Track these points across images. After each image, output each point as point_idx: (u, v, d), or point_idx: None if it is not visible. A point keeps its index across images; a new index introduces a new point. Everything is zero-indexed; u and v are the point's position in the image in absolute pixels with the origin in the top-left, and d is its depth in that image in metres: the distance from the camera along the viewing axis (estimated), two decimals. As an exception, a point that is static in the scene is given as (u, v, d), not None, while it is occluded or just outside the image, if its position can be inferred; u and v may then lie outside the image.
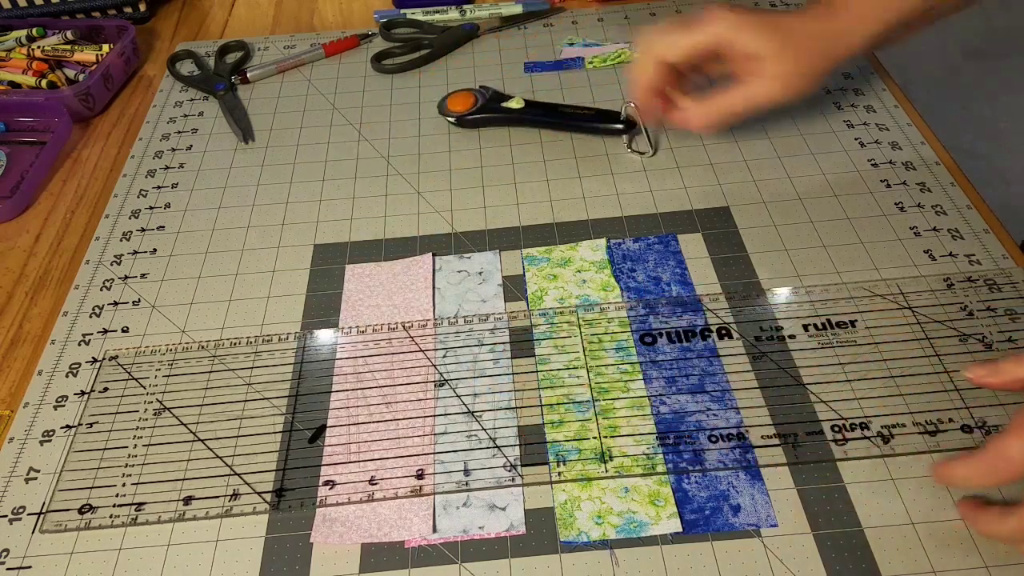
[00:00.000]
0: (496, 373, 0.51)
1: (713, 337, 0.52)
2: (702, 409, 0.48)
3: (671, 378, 0.50)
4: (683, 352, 0.51)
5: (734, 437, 0.46)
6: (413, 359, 0.52)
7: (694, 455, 0.46)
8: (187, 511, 0.45)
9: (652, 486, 0.45)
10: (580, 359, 0.51)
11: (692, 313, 0.53)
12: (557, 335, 0.53)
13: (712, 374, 0.50)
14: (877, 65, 0.74)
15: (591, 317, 0.53)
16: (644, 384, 0.49)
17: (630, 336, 0.52)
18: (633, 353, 0.51)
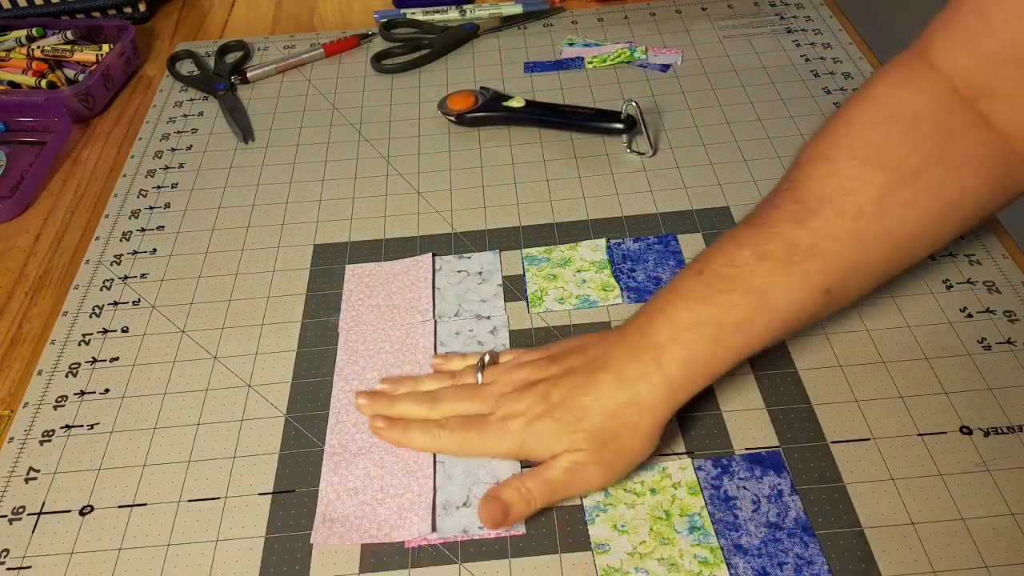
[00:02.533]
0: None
1: (799, 506, 0.43)
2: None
3: (762, 572, 0.41)
4: (771, 531, 0.43)
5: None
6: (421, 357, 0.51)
7: None
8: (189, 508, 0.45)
9: None
10: (648, 544, 0.42)
11: (774, 473, 0.45)
12: (614, 507, 0.44)
13: (809, 561, 0.42)
14: (878, 65, 0.74)
15: (652, 480, 0.45)
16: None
17: (704, 508, 0.44)
18: (711, 533, 0.43)
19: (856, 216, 0.43)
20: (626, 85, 0.74)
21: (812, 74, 0.74)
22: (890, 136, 0.45)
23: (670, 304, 0.44)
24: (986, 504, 0.43)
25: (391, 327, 0.54)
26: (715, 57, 0.77)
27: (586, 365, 0.45)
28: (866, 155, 0.44)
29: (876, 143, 0.45)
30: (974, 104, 0.45)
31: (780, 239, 0.44)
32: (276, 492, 0.46)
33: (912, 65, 0.47)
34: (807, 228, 0.43)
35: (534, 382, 0.46)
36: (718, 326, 0.43)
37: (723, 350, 0.43)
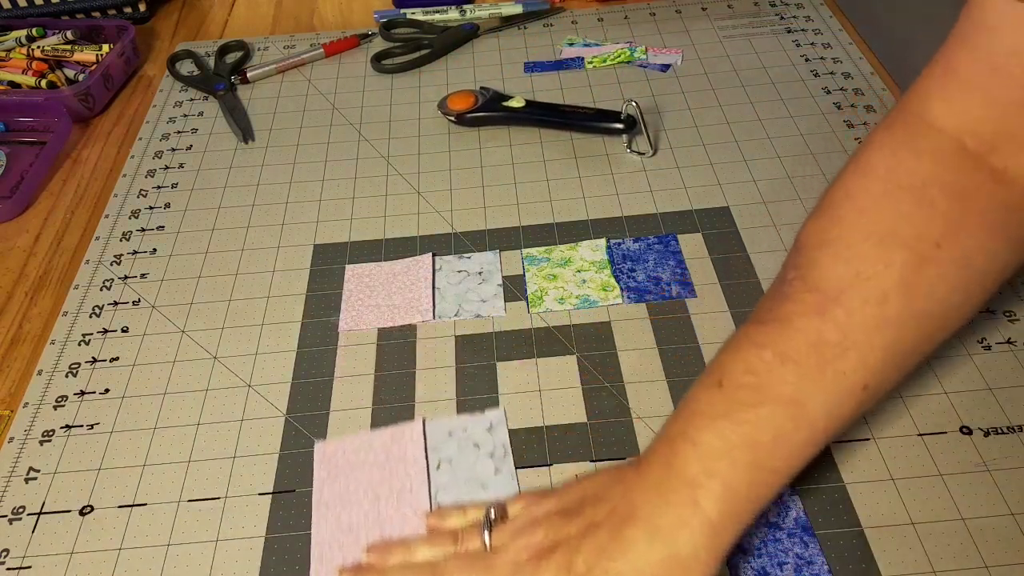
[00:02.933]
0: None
1: (799, 506, 0.43)
2: None
3: (762, 572, 0.41)
4: (771, 531, 0.42)
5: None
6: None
7: None
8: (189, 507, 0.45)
9: None
10: None
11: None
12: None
13: (809, 561, 0.41)
14: (878, 65, 0.74)
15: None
16: None
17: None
18: None
19: (882, 302, 0.38)
20: (626, 85, 0.74)
21: (812, 74, 0.74)
22: (901, 209, 0.40)
23: (692, 427, 0.38)
24: (986, 504, 0.43)
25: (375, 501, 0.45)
26: (715, 57, 0.77)
27: (609, 517, 0.38)
28: (880, 233, 0.40)
29: (888, 219, 0.40)
30: (986, 159, 0.41)
31: (803, 336, 0.38)
32: (276, 492, 0.46)
33: (908, 127, 0.43)
34: (832, 322, 0.38)
35: (553, 547, 0.38)
36: (753, 447, 0.37)
37: (765, 473, 0.37)
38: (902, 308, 0.39)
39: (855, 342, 0.38)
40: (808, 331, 0.38)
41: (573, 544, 0.38)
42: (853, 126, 0.67)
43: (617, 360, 0.51)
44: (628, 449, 0.47)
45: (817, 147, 0.66)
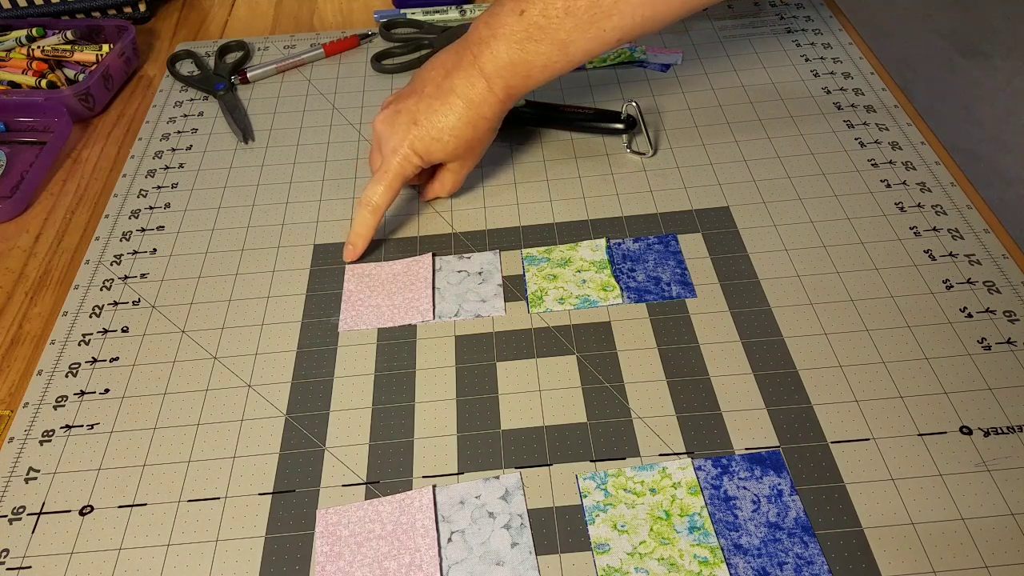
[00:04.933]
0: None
1: (799, 506, 0.44)
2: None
3: (762, 572, 0.42)
4: (771, 531, 0.43)
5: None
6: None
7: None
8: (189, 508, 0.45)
9: None
10: (648, 544, 0.43)
11: (774, 473, 0.45)
12: (614, 507, 0.44)
13: (809, 561, 0.42)
14: (878, 65, 0.74)
15: (652, 480, 0.46)
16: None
17: (704, 508, 0.44)
18: (711, 533, 0.43)
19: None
20: (626, 85, 0.74)
21: (812, 74, 0.74)
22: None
23: (494, 39, 0.55)
24: (986, 504, 0.43)
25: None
26: (715, 57, 0.77)
27: (435, 91, 0.57)
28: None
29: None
30: None
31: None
32: (276, 492, 0.46)
33: None
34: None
35: (398, 111, 0.58)
36: (528, 66, 0.55)
37: (530, 81, 0.56)
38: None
39: (621, 10, 0.52)
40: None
41: (412, 108, 0.58)
42: (853, 126, 0.67)
43: (617, 360, 0.51)
44: (628, 449, 0.47)
45: (817, 147, 0.66)
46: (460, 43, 0.58)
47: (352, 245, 0.59)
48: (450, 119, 0.57)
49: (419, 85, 0.59)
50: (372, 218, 0.58)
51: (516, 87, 0.57)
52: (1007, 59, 2.11)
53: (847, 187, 0.62)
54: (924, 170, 0.63)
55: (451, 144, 0.57)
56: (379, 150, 0.60)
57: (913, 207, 0.60)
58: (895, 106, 0.69)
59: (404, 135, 0.57)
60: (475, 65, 0.56)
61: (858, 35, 0.79)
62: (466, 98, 0.56)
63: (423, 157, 0.58)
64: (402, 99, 0.59)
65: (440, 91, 0.57)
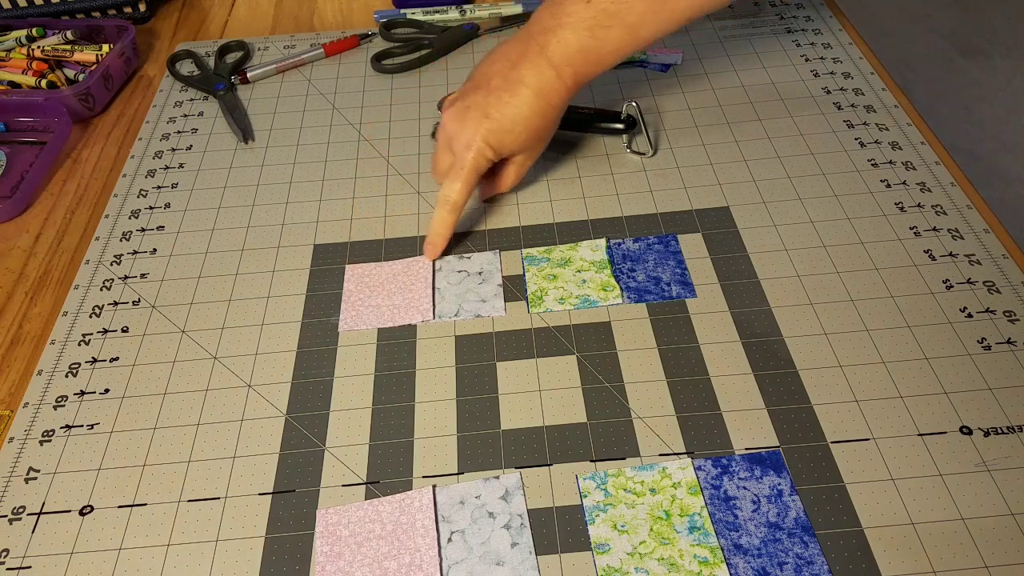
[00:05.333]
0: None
1: (799, 506, 0.44)
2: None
3: (762, 572, 0.42)
4: (771, 531, 0.43)
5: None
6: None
7: None
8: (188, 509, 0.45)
9: None
10: (648, 544, 0.43)
11: (774, 473, 0.45)
12: (614, 507, 0.44)
13: (809, 561, 0.42)
14: (878, 65, 0.74)
15: (652, 480, 0.46)
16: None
17: (704, 508, 0.44)
18: (711, 533, 0.43)
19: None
20: (626, 85, 0.74)
21: (812, 74, 0.74)
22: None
23: (560, 27, 0.55)
24: (986, 504, 0.43)
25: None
26: (715, 57, 0.77)
27: (502, 84, 0.57)
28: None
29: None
30: None
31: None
32: (276, 492, 0.46)
33: None
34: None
35: (467, 107, 0.58)
36: (599, 53, 0.56)
37: (600, 68, 0.57)
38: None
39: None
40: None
41: (481, 102, 0.57)
42: (853, 126, 0.67)
43: (617, 360, 0.51)
44: (628, 449, 0.47)
45: (817, 147, 0.66)
46: (522, 34, 0.58)
47: (432, 245, 0.58)
48: (521, 110, 0.57)
49: (483, 79, 0.58)
50: (452, 216, 0.58)
51: (586, 74, 0.57)
52: (1007, 59, 2.11)
53: (847, 187, 0.62)
54: (924, 170, 0.63)
55: (523, 135, 0.58)
56: (448, 148, 0.59)
57: (913, 207, 0.60)
58: (895, 106, 0.69)
59: (476, 129, 0.57)
60: (542, 55, 0.56)
61: (858, 35, 0.79)
62: (535, 88, 0.56)
63: (496, 150, 0.58)
64: (467, 95, 0.59)
65: (508, 83, 0.57)
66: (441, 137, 0.60)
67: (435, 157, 0.61)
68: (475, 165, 0.57)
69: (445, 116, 0.59)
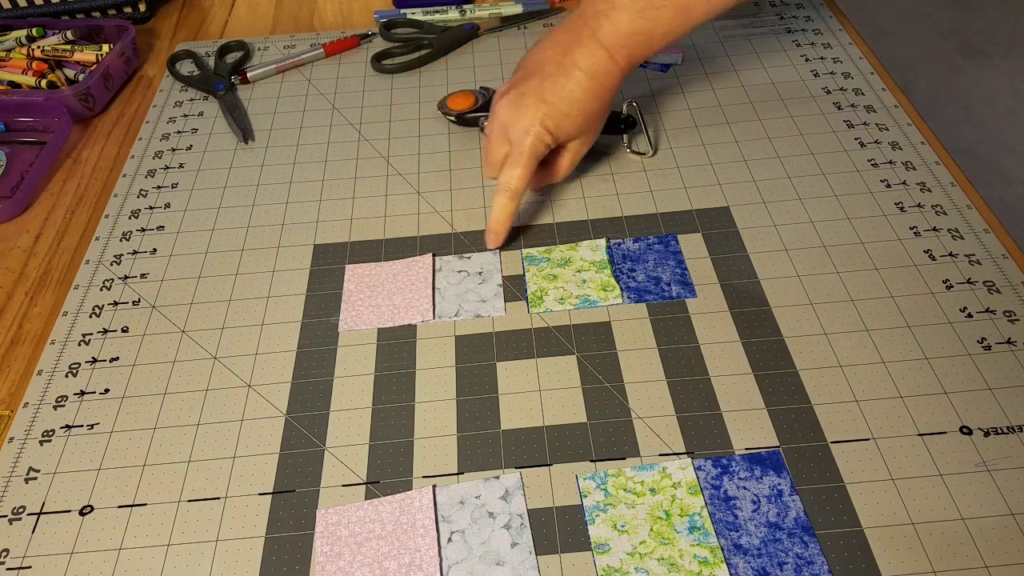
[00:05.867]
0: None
1: (799, 506, 0.44)
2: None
3: (762, 572, 0.42)
4: (771, 531, 0.43)
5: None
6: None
7: None
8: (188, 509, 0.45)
9: None
10: (648, 544, 0.43)
11: (774, 473, 0.45)
12: (614, 507, 0.44)
13: (809, 561, 0.42)
14: (878, 65, 0.74)
15: (652, 480, 0.46)
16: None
17: (704, 508, 0.44)
18: (711, 533, 0.43)
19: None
20: (626, 85, 0.74)
21: (812, 74, 0.74)
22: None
23: (614, 9, 0.56)
24: (986, 504, 0.43)
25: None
26: (715, 57, 0.77)
27: (556, 69, 0.57)
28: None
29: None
30: None
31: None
32: (276, 492, 0.46)
33: None
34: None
35: (523, 93, 0.58)
36: (649, 34, 0.57)
37: (651, 49, 0.58)
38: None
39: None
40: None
41: (536, 88, 0.57)
42: (853, 126, 0.67)
43: (617, 360, 0.51)
44: (628, 449, 0.47)
45: (817, 147, 0.66)
46: (572, 20, 0.59)
47: (494, 233, 0.59)
48: (576, 93, 0.57)
49: (535, 67, 0.59)
50: (512, 204, 0.58)
51: (638, 55, 0.58)
52: (1007, 59, 2.11)
53: (847, 187, 0.62)
54: (924, 170, 0.63)
55: (579, 119, 0.58)
56: (503, 137, 0.59)
57: (913, 207, 0.60)
58: (895, 106, 0.69)
59: (534, 114, 0.57)
60: (595, 39, 0.57)
61: (858, 35, 0.79)
62: (590, 72, 0.57)
63: (554, 134, 0.58)
64: (520, 83, 0.59)
65: (562, 68, 0.57)
66: (495, 127, 0.60)
67: (488, 148, 0.61)
68: (533, 150, 0.57)
69: (499, 105, 0.59)
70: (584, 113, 0.58)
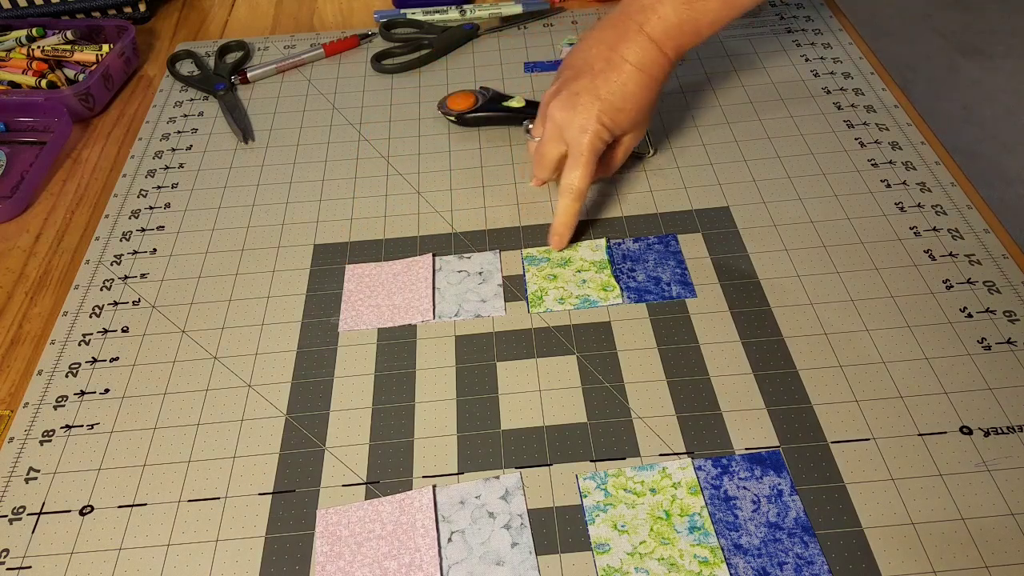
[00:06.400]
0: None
1: (799, 506, 0.44)
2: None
3: (762, 572, 0.42)
4: (771, 531, 0.43)
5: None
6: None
7: None
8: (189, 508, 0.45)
9: None
10: (648, 544, 0.43)
11: (774, 473, 0.45)
12: (614, 507, 0.44)
13: (809, 561, 0.42)
14: (878, 65, 0.74)
15: (652, 480, 0.46)
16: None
17: (704, 508, 0.44)
18: (711, 533, 0.43)
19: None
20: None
21: (812, 74, 0.74)
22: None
23: (660, 3, 0.57)
24: (986, 504, 0.43)
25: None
26: (715, 57, 0.77)
27: (606, 64, 0.58)
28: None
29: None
30: None
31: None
32: (276, 492, 0.46)
33: None
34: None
35: (577, 92, 0.58)
36: (697, 24, 0.57)
37: (697, 38, 0.58)
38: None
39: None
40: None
41: (589, 86, 0.57)
42: (853, 126, 0.67)
43: (617, 360, 0.51)
44: (628, 449, 0.47)
45: (817, 147, 0.66)
46: (615, 17, 0.59)
47: (559, 235, 0.59)
48: (629, 87, 0.57)
49: (584, 66, 0.59)
50: (577, 205, 0.58)
51: (686, 45, 0.58)
52: (1007, 59, 2.11)
53: (847, 187, 0.62)
54: (924, 170, 0.63)
55: (633, 111, 0.58)
56: (558, 138, 0.59)
57: (913, 207, 0.60)
58: (895, 106, 0.69)
59: (590, 112, 0.57)
60: (642, 32, 0.57)
61: (858, 35, 0.78)
62: (640, 65, 0.57)
63: (611, 130, 0.58)
64: (571, 82, 0.59)
65: (612, 64, 0.58)
66: (549, 129, 0.59)
67: (541, 151, 0.60)
68: (593, 148, 0.58)
69: (551, 107, 0.59)
70: (638, 106, 0.58)
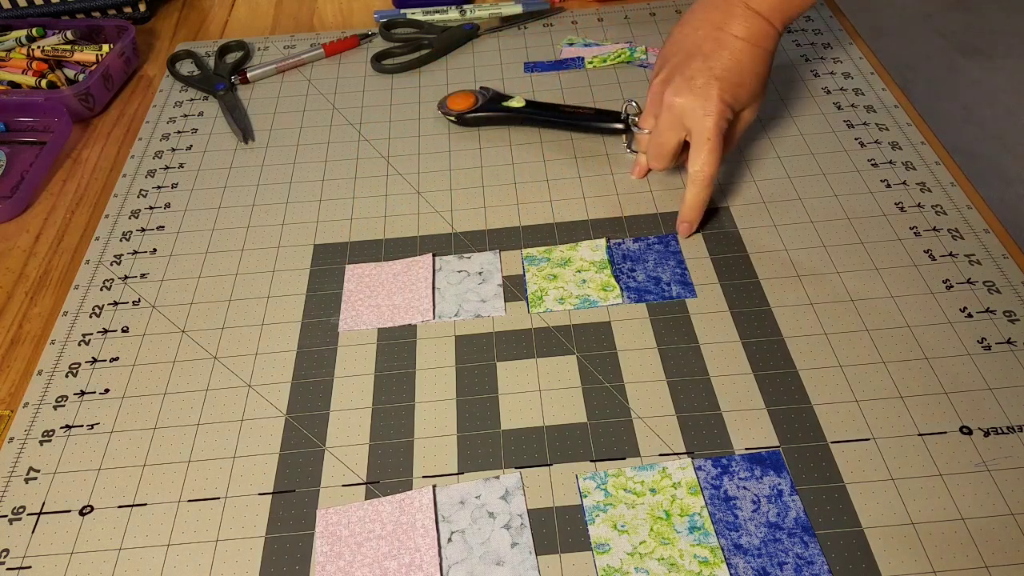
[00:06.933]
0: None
1: (799, 506, 0.44)
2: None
3: (762, 572, 0.42)
4: (771, 531, 0.43)
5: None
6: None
7: None
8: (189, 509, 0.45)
9: None
10: (648, 544, 0.43)
11: (774, 473, 0.45)
12: (614, 507, 0.44)
13: (809, 561, 0.42)
14: (878, 65, 0.74)
15: (652, 480, 0.46)
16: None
17: (704, 508, 0.44)
18: (711, 533, 0.43)
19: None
20: (626, 85, 0.74)
21: (812, 74, 0.74)
22: None
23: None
24: (986, 504, 0.43)
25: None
26: (715, 57, 0.77)
27: (715, 46, 0.58)
28: None
29: None
30: None
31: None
32: (276, 492, 0.46)
33: None
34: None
35: (690, 76, 0.58)
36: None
37: (804, 7, 0.58)
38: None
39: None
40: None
41: (703, 67, 0.57)
42: (853, 126, 0.67)
43: (617, 360, 0.51)
44: (628, 449, 0.47)
45: (817, 147, 0.66)
46: (712, 0, 0.59)
47: (689, 222, 0.58)
48: (744, 62, 0.57)
49: (692, 48, 0.59)
50: (706, 192, 0.58)
51: (791, 14, 0.58)
52: (1007, 59, 2.11)
53: (847, 187, 0.62)
54: (924, 170, 0.63)
55: (751, 84, 0.58)
56: (678, 125, 0.59)
57: (913, 207, 0.60)
58: (895, 106, 0.69)
59: (710, 93, 0.57)
60: (748, 8, 0.58)
61: (858, 35, 0.78)
62: (751, 39, 0.57)
63: (733, 107, 0.58)
64: (682, 67, 0.58)
65: (721, 44, 0.58)
66: (666, 117, 0.59)
67: (658, 140, 0.60)
68: (719, 129, 0.57)
69: (667, 94, 0.58)
70: (755, 78, 0.58)
